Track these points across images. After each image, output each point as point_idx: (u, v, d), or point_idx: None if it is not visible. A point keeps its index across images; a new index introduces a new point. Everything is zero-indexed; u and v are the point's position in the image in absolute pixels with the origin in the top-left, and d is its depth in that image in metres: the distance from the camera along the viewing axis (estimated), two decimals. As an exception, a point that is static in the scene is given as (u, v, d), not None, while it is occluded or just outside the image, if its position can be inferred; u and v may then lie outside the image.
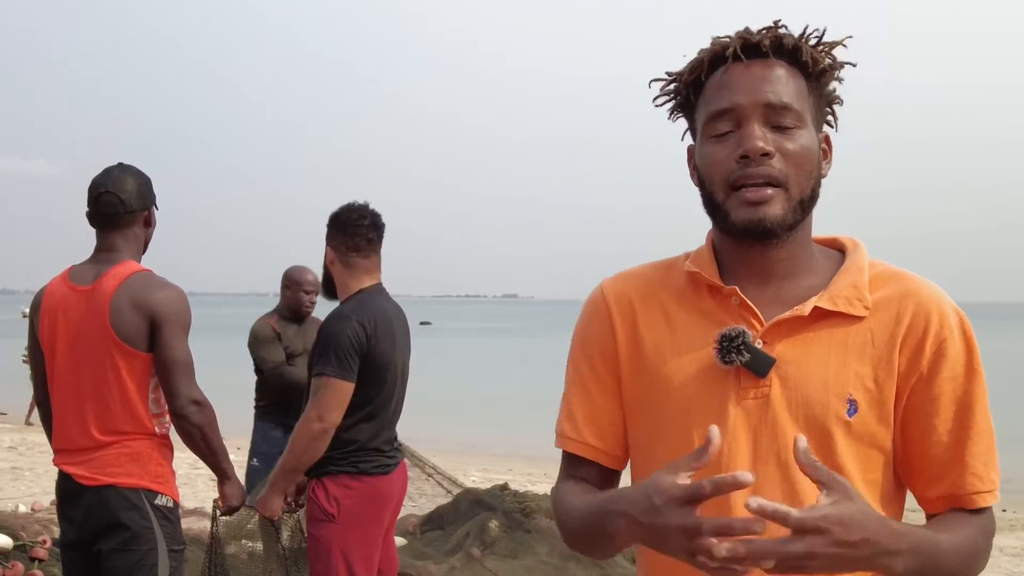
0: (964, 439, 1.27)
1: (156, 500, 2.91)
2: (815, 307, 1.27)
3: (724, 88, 1.29)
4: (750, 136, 1.25)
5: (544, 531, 5.58)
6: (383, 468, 3.27)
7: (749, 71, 1.29)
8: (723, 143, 1.28)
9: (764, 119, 1.27)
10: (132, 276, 2.94)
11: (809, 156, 1.28)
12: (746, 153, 1.25)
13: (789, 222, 1.27)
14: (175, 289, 3.00)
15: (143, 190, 3.04)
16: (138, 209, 3.02)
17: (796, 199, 1.27)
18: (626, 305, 1.40)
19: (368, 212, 3.38)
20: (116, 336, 2.87)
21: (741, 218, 1.27)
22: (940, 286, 1.32)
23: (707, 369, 1.29)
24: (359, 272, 3.35)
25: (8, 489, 8.57)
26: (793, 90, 1.28)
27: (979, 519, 1.28)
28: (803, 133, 1.28)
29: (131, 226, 3.02)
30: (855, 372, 1.26)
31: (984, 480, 1.27)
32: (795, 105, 1.28)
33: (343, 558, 3.17)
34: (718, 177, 1.28)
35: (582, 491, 1.37)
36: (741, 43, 1.29)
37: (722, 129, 1.28)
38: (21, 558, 4.74)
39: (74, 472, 2.92)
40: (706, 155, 1.31)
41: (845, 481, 1.08)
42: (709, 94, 1.31)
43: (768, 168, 1.25)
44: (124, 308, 2.88)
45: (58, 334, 2.97)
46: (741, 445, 1.26)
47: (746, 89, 1.27)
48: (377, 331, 3.22)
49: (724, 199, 1.28)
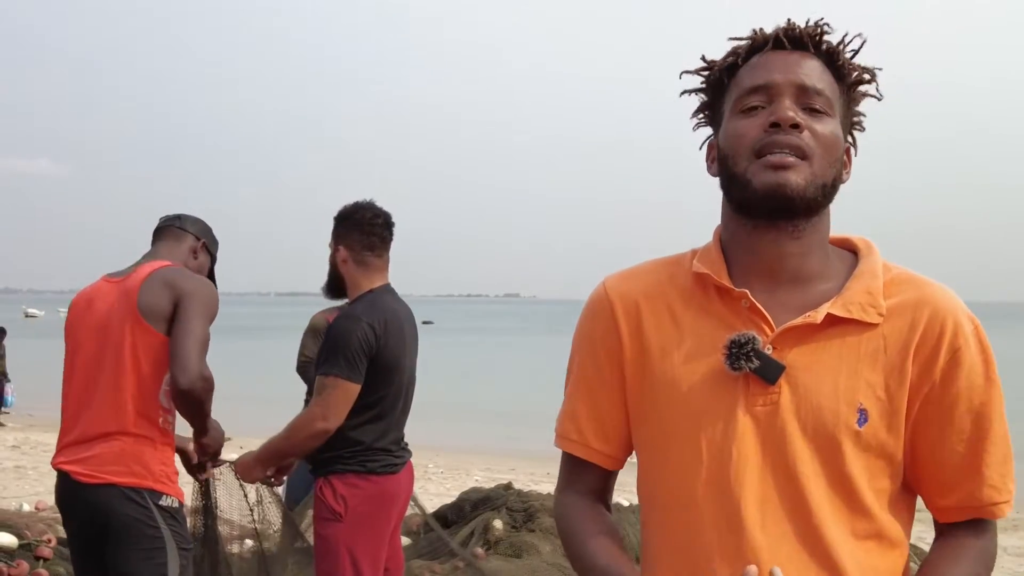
0: (980, 450, 1.25)
1: (161, 500, 2.90)
2: (828, 314, 1.25)
3: (760, 68, 1.29)
4: (782, 107, 1.25)
5: (548, 530, 5.57)
6: (390, 468, 3.27)
7: (787, 57, 1.29)
8: (752, 116, 1.27)
9: (796, 99, 1.26)
10: (169, 266, 3.04)
11: (836, 144, 1.27)
12: (777, 120, 1.24)
13: (810, 196, 1.24)
14: (208, 282, 3.09)
15: (204, 226, 3.28)
16: (191, 231, 3.21)
17: (820, 179, 1.25)
18: (631, 304, 1.37)
19: (381, 211, 3.38)
20: (138, 311, 2.90)
21: (762, 182, 1.23)
22: (948, 285, 1.30)
23: (715, 374, 1.27)
24: (372, 271, 3.35)
25: (12, 488, 8.58)
26: (828, 82, 1.29)
27: (983, 543, 1.28)
28: (832, 122, 1.27)
29: (180, 242, 3.18)
30: (866, 381, 1.24)
31: (1001, 491, 1.26)
32: (828, 93, 1.27)
33: (349, 557, 3.17)
34: (743, 146, 1.26)
35: (593, 523, 1.37)
36: (784, 32, 1.30)
37: (753, 102, 1.27)
38: (26, 557, 4.75)
39: (72, 470, 2.89)
40: (733, 128, 1.29)
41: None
42: (743, 75, 1.31)
43: (796, 138, 1.23)
44: (153, 287, 2.93)
45: (83, 323, 3.01)
46: (749, 452, 1.24)
47: (782, 69, 1.27)
48: (387, 332, 3.21)
49: (745, 168, 1.26)
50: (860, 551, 1.23)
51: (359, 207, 3.36)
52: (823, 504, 1.22)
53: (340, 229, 3.35)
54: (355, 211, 3.35)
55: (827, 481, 1.23)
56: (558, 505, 1.44)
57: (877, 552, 1.25)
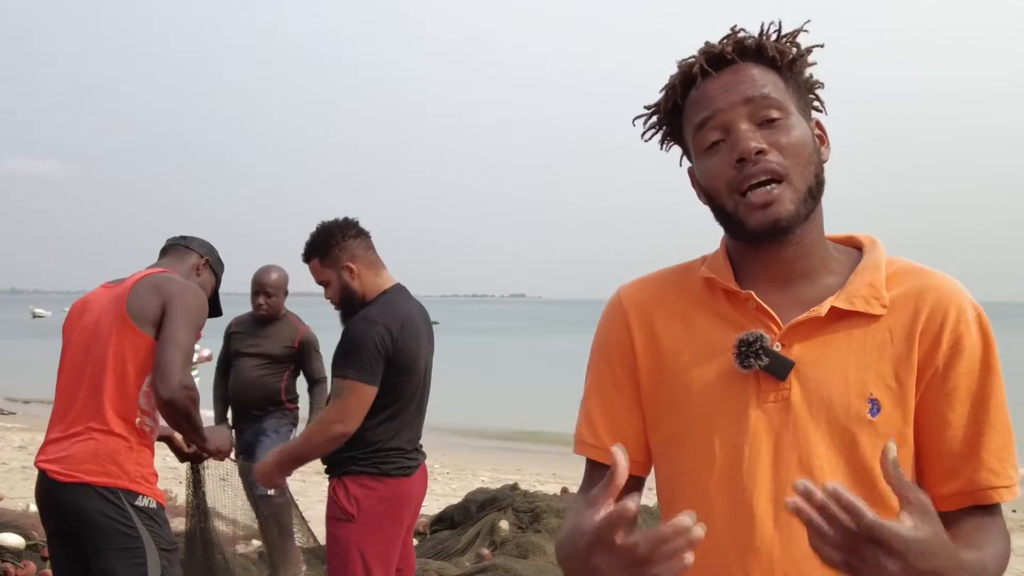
0: (979, 434, 1.25)
1: (137, 501, 2.90)
2: (832, 307, 1.27)
3: (701, 101, 1.30)
4: (740, 138, 1.25)
5: (554, 531, 5.57)
6: (404, 470, 3.27)
7: (721, 80, 1.29)
8: (717, 154, 1.28)
9: (749, 117, 1.27)
10: (160, 272, 3.08)
11: (804, 144, 1.27)
12: (741, 156, 1.25)
13: (803, 214, 1.26)
14: (197, 289, 3.10)
15: (209, 246, 3.34)
16: (196, 250, 3.29)
17: (803, 190, 1.26)
18: (644, 311, 1.40)
19: (345, 219, 3.42)
20: (126, 314, 2.93)
21: (755, 223, 1.26)
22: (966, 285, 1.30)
23: (727, 374, 1.29)
24: (380, 267, 3.39)
25: (19, 488, 8.59)
26: (770, 83, 1.29)
27: (999, 524, 1.26)
28: (792, 122, 1.27)
29: (184, 259, 3.25)
30: (875, 371, 1.25)
31: (1000, 475, 1.25)
32: (775, 95, 1.28)
33: (361, 558, 3.17)
34: (722, 187, 1.28)
35: (575, 511, 1.36)
36: (705, 58, 1.31)
37: (711, 139, 1.29)
38: (33, 557, 4.76)
39: (50, 468, 2.91)
40: (705, 170, 1.31)
41: (928, 502, 1.02)
42: (690, 112, 1.32)
43: (766, 164, 1.24)
44: (142, 291, 2.98)
45: (76, 326, 3.06)
46: (763, 449, 1.25)
47: (722, 94, 1.28)
48: (404, 334, 3.22)
49: (734, 207, 1.27)
50: None
51: (329, 226, 3.38)
52: None
53: (334, 252, 3.34)
54: (332, 229, 3.37)
55: (843, 473, 1.23)
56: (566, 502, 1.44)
57: None
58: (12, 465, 10.47)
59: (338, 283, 3.35)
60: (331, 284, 3.36)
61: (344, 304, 3.37)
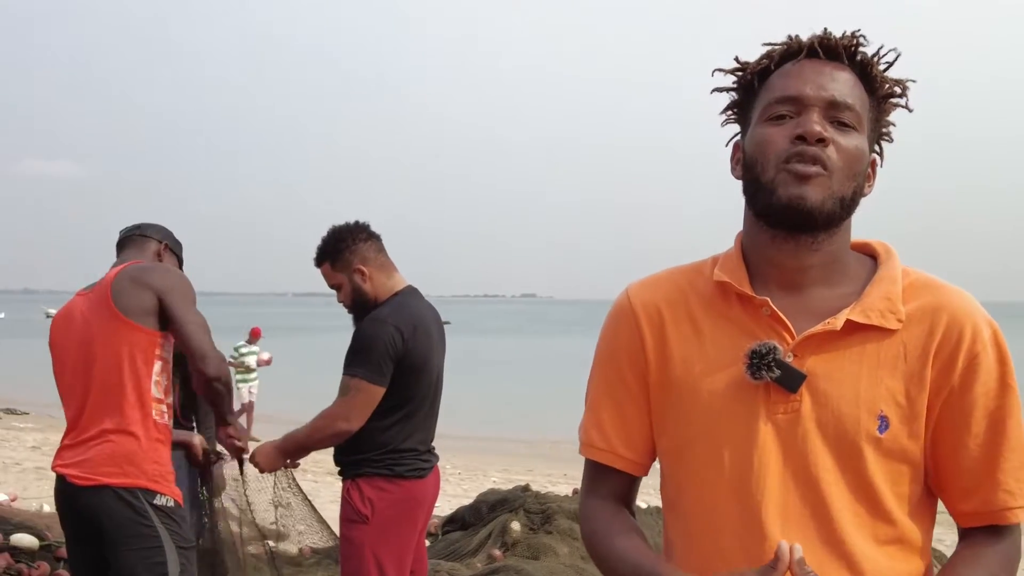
0: (996, 455, 1.25)
1: (155, 500, 2.91)
2: (847, 320, 1.26)
3: (793, 77, 1.29)
4: (810, 120, 1.25)
5: (565, 532, 5.57)
6: (418, 472, 3.28)
7: (820, 68, 1.29)
8: (780, 125, 1.27)
9: (824, 113, 1.26)
10: (130, 264, 3.08)
11: (860, 158, 1.27)
12: (803, 134, 1.24)
13: (828, 210, 1.25)
14: (175, 269, 3.16)
15: (165, 230, 3.33)
16: (153, 236, 3.27)
17: (838, 193, 1.25)
18: (654, 313, 1.38)
19: (355, 223, 3.42)
20: (117, 311, 2.94)
21: (786, 194, 1.24)
22: (962, 286, 1.31)
23: (737, 383, 1.28)
24: (391, 270, 3.40)
25: (32, 489, 8.63)
26: (859, 99, 1.29)
27: (1003, 546, 1.27)
28: (859, 137, 1.28)
29: (144, 248, 3.24)
30: (887, 387, 1.24)
31: (1016, 496, 1.25)
32: (858, 109, 1.28)
33: (374, 560, 3.18)
34: (770, 154, 1.27)
35: (618, 524, 1.38)
36: (819, 41, 1.30)
37: (782, 111, 1.28)
38: (47, 558, 4.77)
39: (68, 473, 2.92)
40: (760, 135, 1.29)
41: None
42: (775, 82, 1.31)
43: (820, 152, 1.24)
44: (124, 287, 2.98)
45: (65, 337, 3.06)
46: (771, 461, 1.25)
47: (814, 82, 1.27)
48: (415, 335, 3.23)
49: (773, 176, 1.26)
50: (882, 556, 1.24)
51: (342, 229, 3.39)
52: (844, 510, 1.23)
53: (345, 255, 3.35)
54: (342, 233, 3.38)
55: (849, 487, 1.24)
56: (583, 509, 1.45)
57: (899, 557, 1.26)
58: (26, 465, 10.52)
59: (350, 286, 3.36)
60: (343, 287, 3.38)
61: (356, 307, 3.38)
